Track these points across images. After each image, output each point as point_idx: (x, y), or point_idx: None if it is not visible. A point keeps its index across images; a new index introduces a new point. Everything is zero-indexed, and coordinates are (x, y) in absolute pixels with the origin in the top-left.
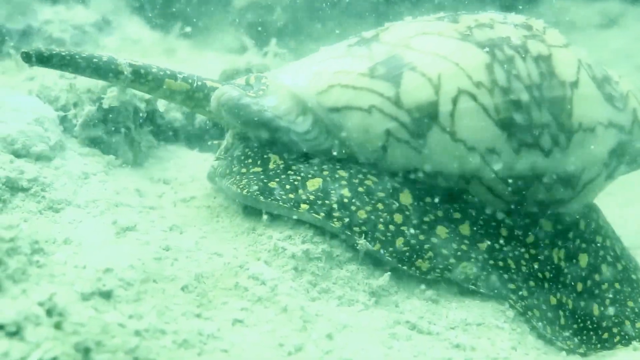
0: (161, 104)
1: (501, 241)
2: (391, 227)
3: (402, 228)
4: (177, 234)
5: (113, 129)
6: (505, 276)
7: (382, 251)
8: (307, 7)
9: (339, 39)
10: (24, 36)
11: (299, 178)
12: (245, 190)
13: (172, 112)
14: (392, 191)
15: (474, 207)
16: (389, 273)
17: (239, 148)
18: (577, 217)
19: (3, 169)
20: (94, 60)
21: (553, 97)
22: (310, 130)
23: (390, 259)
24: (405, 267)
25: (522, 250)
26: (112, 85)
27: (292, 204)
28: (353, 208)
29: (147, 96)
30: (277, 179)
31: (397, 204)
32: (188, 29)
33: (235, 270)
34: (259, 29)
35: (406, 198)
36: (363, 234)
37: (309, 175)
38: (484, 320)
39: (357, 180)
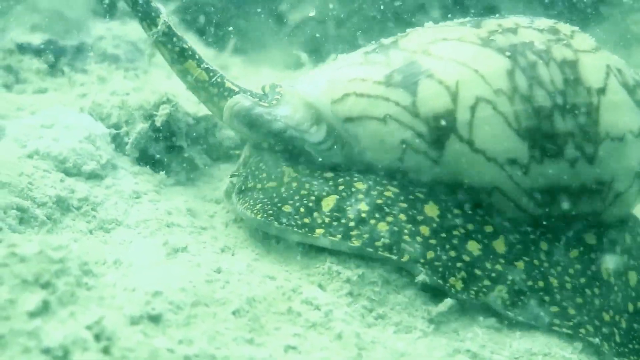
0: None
1: (541, 256)
2: (418, 238)
3: (431, 241)
4: (228, 255)
5: (165, 147)
6: (547, 298)
7: (413, 263)
8: (364, 21)
9: None
10: (77, 53)
11: (312, 197)
12: (260, 215)
13: (224, 130)
14: (415, 202)
15: (509, 220)
16: (449, 299)
17: (254, 162)
18: (623, 230)
19: (54, 188)
20: None
21: (578, 104)
22: (325, 140)
23: (422, 269)
24: (440, 282)
25: (567, 264)
26: (164, 102)
27: (306, 229)
28: (372, 222)
29: (200, 114)
30: (291, 201)
31: (423, 216)
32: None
33: (288, 295)
34: (315, 43)
35: (432, 210)
36: (387, 248)
37: (324, 193)
38: (550, 350)
39: (375, 192)
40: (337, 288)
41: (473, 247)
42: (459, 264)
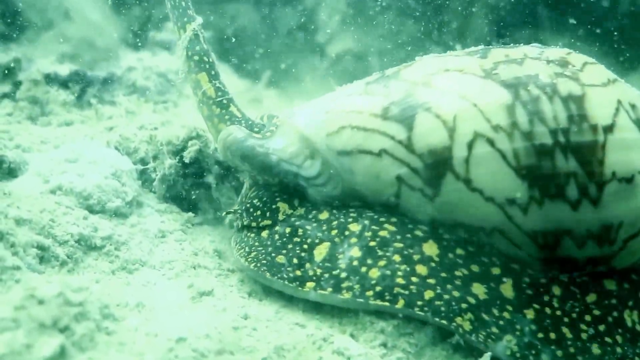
0: None
1: (554, 303)
2: (414, 279)
3: (429, 281)
4: (256, 300)
5: (193, 184)
6: (559, 353)
7: (409, 308)
8: (404, 53)
9: None
10: (105, 84)
11: (305, 246)
12: (253, 264)
13: None
14: (413, 241)
15: (518, 261)
16: (490, 353)
17: (250, 198)
18: None
19: (76, 226)
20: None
21: (581, 142)
22: (319, 175)
23: (422, 313)
24: (444, 322)
25: (582, 311)
26: (194, 138)
27: (297, 283)
28: (363, 270)
29: None
30: (284, 250)
31: (420, 255)
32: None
33: (318, 344)
34: (353, 77)
35: (431, 248)
36: (379, 296)
37: (316, 241)
38: None
39: (369, 233)
40: (371, 338)
41: (478, 290)
42: (463, 305)
